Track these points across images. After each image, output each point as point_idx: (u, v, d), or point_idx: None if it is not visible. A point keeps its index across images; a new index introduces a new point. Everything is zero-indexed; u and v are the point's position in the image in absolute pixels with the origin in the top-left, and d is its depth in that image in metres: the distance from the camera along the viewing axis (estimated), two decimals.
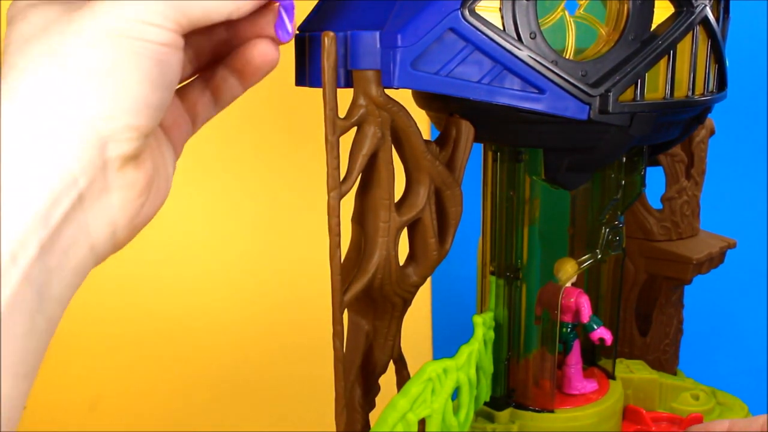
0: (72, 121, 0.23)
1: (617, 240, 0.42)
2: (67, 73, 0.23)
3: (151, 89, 0.24)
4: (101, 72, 0.23)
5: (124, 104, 0.24)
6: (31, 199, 0.22)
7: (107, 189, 0.24)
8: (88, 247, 0.24)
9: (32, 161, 0.22)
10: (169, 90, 0.26)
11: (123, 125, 0.24)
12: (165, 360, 0.70)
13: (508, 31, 0.30)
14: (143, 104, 0.24)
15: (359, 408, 0.36)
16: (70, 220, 0.23)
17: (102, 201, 0.24)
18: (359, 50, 0.30)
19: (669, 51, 0.32)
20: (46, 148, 0.22)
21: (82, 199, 0.23)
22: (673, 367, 0.56)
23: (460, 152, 0.33)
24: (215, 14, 0.26)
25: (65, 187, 0.23)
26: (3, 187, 0.21)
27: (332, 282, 0.31)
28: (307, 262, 0.70)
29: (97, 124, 0.23)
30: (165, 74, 0.25)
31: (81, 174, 0.23)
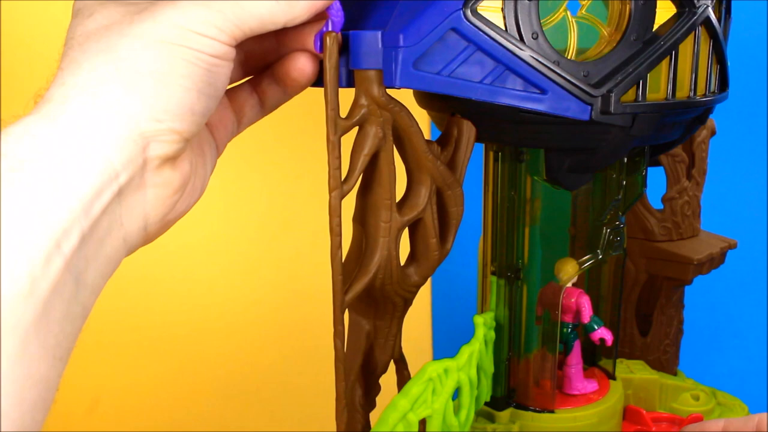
0: (119, 120, 0.24)
1: (618, 240, 0.42)
2: (121, 73, 0.24)
3: (198, 97, 0.25)
4: (152, 76, 0.24)
5: (170, 109, 0.25)
6: (76, 190, 0.23)
7: (143, 185, 0.25)
8: (121, 239, 0.25)
9: (79, 154, 0.23)
10: (215, 98, 0.27)
11: (166, 128, 0.25)
12: (165, 360, 0.70)
13: (510, 31, 0.30)
14: (188, 110, 0.25)
15: (360, 408, 0.36)
16: (108, 212, 0.24)
17: (137, 196, 0.25)
18: (361, 50, 0.30)
19: (671, 51, 0.32)
20: (92, 143, 0.23)
21: (120, 193, 0.24)
22: (673, 367, 0.56)
23: (462, 152, 0.33)
24: (271, 25, 0.27)
25: (107, 181, 0.24)
26: (52, 175, 0.22)
27: (333, 282, 0.31)
28: (308, 262, 0.70)
29: (142, 124, 0.24)
30: (213, 84, 0.26)
31: (123, 170, 0.24)
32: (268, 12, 0.26)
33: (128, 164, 0.24)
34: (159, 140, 0.25)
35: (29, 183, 0.22)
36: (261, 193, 0.70)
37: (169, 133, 0.25)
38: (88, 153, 0.23)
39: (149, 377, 0.69)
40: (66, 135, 0.23)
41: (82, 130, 0.23)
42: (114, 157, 0.24)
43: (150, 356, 0.69)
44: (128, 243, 0.26)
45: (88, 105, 0.24)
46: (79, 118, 0.24)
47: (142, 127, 0.24)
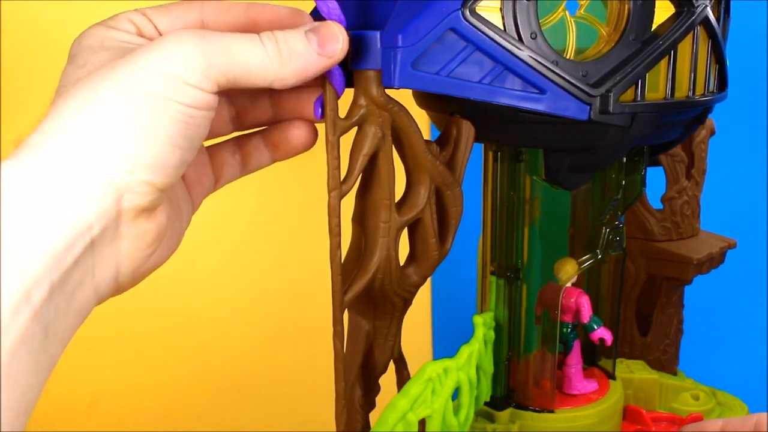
0: (93, 170, 0.24)
1: (618, 240, 0.42)
2: (98, 123, 0.24)
3: (173, 150, 0.25)
4: (129, 126, 0.24)
5: (145, 161, 0.24)
6: (48, 241, 0.22)
7: (118, 237, 0.25)
8: (92, 290, 0.25)
9: (52, 205, 0.23)
10: (192, 150, 0.26)
11: (140, 180, 0.24)
12: (165, 360, 0.70)
13: (508, 31, 0.30)
14: (162, 163, 0.25)
15: (359, 408, 0.36)
16: (80, 264, 0.24)
17: (111, 248, 0.25)
18: (360, 50, 0.30)
19: (670, 51, 0.32)
20: (66, 194, 0.23)
21: (93, 244, 0.24)
22: (673, 367, 0.56)
23: (461, 152, 0.33)
24: (258, 78, 0.26)
25: (80, 233, 0.23)
26: (24, 227, 0.22)
27: (333, 282, 0.31)
28: (307, 262, 0.70)
29: (116, 176, 0.24)
30: (190, 137, 0.25)
31: (96, 221, 0.24)
32: (257, 64, 0.26)
33: (102, 216, 0.24)
34: (133, 192, 0.24)
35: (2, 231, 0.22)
36: (260, 193, 0.70)
37: (143, 185, 0.25)
38: (61, 204, 0.23)
39: (149, 377, 0.69)
40: (40, 185, 0.23)
41: (55, 181, 0.23)
42: (87, 208, 0.23)
43: (150, 356, 0.69)
44: (99, 294, 0.25)
45: (62, 155, 0.23)
46: (53, 168, 0.23)
47: (116, 179, 0.24)
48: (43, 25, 0.60)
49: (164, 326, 0.69)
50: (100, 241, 0.24)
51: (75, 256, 0.23)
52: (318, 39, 0.27)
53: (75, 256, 0.23)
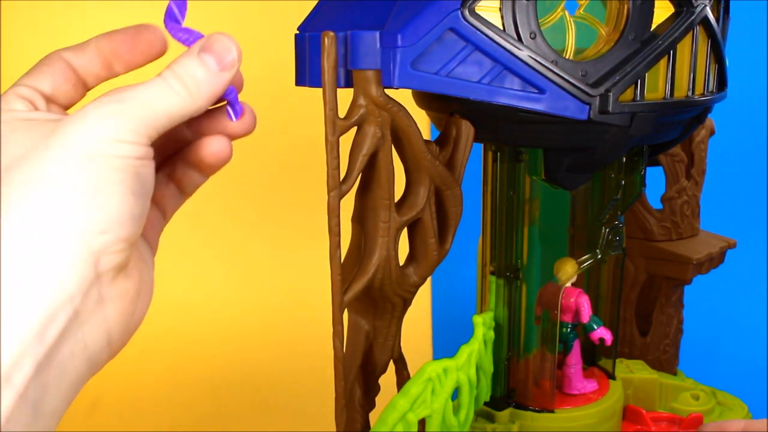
0: (64, 239, 0.23)
1: (617, 240, 0.42)
2: (56, 195, 0.23)
3: (135, 200, 0.25)
4: (87, 190, 0.24)
5: (114, 218, 0.24)
6: (25, 318, 0.22)
7: (102, 301, 0.25)
8: (86, 360, 0.24)
9: (26, 281, 0.22)
10: (148, 198, 0.26)
11: (114, 238, 0.24)
12: (165, 360, 0.70)
13: (508, 31, 0.30)
14: (129, 215, 0.25)
15: (359, 408, 0.36)
16: (67, 336, 0.23)
17: (97, 314, 0.25)
18: (359, 50, 0.30)
19: (669, 51, 0.32)
20: (39, 268, 0.22)
21: (77, 314, 0.23)
22: (673, 367, 0.56)
23: (460, 152, 0.33)
24: (179, 118, 0.26)
25: (60, 305, 0.23)
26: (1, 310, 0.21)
27: (332, 282, 0.31)
28: (307, 262, 0.70)
29: (89, 239, 0.24)
30: (144, 184, 0.25)
31: (76, 290, 0.23)
32: (176, 107, 0.26)
33: (81, 283, 0.23)
34: (108, 252, 0.24)
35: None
36: (260, 194, 0.70)
37: (117, 242, 0.24)
38: (37, 282, 0.22)
39: (149, 377, 0.69)
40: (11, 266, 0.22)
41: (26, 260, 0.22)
42: (66, 280, 0.23)
43: (150, 356, 0.69)
44: (93, 362, 0.25)
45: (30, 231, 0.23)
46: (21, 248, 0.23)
47: (90, 243, 0.23)
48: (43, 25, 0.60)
49: (164, 326, 0.69)
50: (84, 309, 0.24)
51: (59, 330, 0.22)
52: (215, 58, 0.27)
53: (59, 329, 0.22)
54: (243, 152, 0.68)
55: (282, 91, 0.43)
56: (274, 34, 0.49)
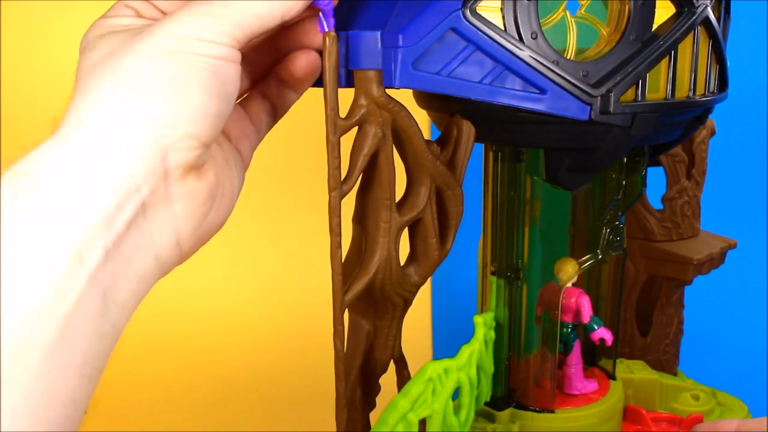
0: (133, 131, 0.24)
1: (618, 240, 0.42)
2: (129, 88, 0.24)
3: (209, 99, 0.25)
4: (160, 85, 0.24)
5: (184, 113, 0.25)
6: (95, 202, 0.22)
7: (169, 198, 0.25)
8: (153, 256, 0.25)
9: (97, 170, 0.23)
10: (228, 100, 0.26)
11: (183, 134, 0.25)
12: (165, 360, 0.70)
13: (509, 31, 0.30)
14: (202, 113, 0.25)
15: (360, 408, 0.36)
16: (134, 228, 0.24)
17: (165, 210, 0.25)
18: (360, 50, 0.30)
19: (670, 51, 0.32)
20: (109, 158, 0.23)
21: (145, 207, 0.24)
22: (673, 367, 0.56)
23: (461, 152, 0.33)
24: (270, 21, 0.27)
25: (128, 194, 0.23)
26: (70, 190, 0.22)
27: (333, 282, 0.31)
28: (307, 262, 0.70)
29: (157, 132, 0.24)
30: (223, 85, 0.26)
31: (143, 182, 0.24)
32: (265, 9, 0.26)
33: (149, 176, 0.24)
34: (177, 148, 0.25)
35: (48, 200, 0.22)
36: (261, 193, 0.70)
37: (186, 139, 0.25)
38: (106, 167, 0.23)
39: (149, 377, 0.69)
40: (82, 153, 0.23)
41: (97, 146, 0.23)
42: (133, 169, 0.24)
43: (150, 356, 0.69)
44: (161, 261, 0.25)
45: (101, 122, 0.24)
46: (94, 135, 0.24)
47: (158, 136, 0.24)
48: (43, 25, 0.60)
49: (164, 326, 0.69)
50: (151, 203, 0.24)
51: (127, 219, 0.23)
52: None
53: (126, 219, 0.23)
54: None
55: None
56: None
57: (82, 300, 0.21)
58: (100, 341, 0.22)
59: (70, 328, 0.21)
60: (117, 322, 0.23)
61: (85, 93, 0.25)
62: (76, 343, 0.21)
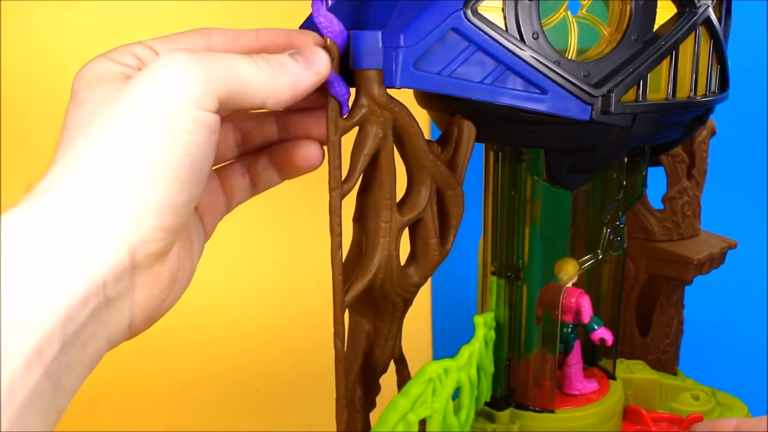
0: (105, 226, 0.23)
1: (618, 240, 0.42)
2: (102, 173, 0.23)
3: (180, 187, 0.24)
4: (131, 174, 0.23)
5: (154, 206, 0.24)
6: (61, 299, 0.22)
7: (132, 288, 0.25)
8: (105, 340, 0.24)
9: (65, 260, 0.22)
10: (199, 185, 0.25)
11: (152, 226, 0.24)
12: (165, 360, 0.70)
13: (510, 31, 0.30)
14: (171, 203, 0.24)
15: (360, 408, 0.36)
16: (93, 318, 0.23)
17: (125, 300, 0.24)
18: (361, 50, 0.30)
19: (671, 52, 0.32)
20: (80, 250, 0.23)
21: (107, 300, 0.23)
22: (673, 367, 0.56)
23: (462, 152, 0.33)
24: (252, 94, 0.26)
25: (95, 291, 0.23)
26: (38, 281, 0.21)
27: (333, 282, 0.31)
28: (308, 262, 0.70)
29: (127, 229, 0.23)
30: (197, 168, 0.25)
31: (110, 276, 0.23)
32: (252, 77, 0.25)
33: (117, 271, 0.23)
34: (146, 241, 0.24)
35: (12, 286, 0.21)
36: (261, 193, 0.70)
37: (155, 232, 0.24)
38: (75, 262, 0.22)
39: (149, 377, 0.69)
40: (54, 238, 0.22)
41: (69, 234, 0.22)
42: (102, 266, 0.23)
43: (150, 356, 0.69)
44: (111, 343, 0.25)
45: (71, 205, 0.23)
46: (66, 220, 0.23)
47: (129, 232, 0.23)
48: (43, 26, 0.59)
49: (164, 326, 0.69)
50: (114, 295, 0.24)
51: (89, 312, 0.23)
52: (303, 59, 0.27)
53: (89, 311, 0.23)
54: None
55: None
56: None
57: (34, 393, 0.21)
58: (45, 429, 0.22)
59: (19, 422, 0.20)
60: (62, 407, 0.23)
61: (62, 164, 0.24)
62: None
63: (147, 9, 0.62)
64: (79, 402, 0.24)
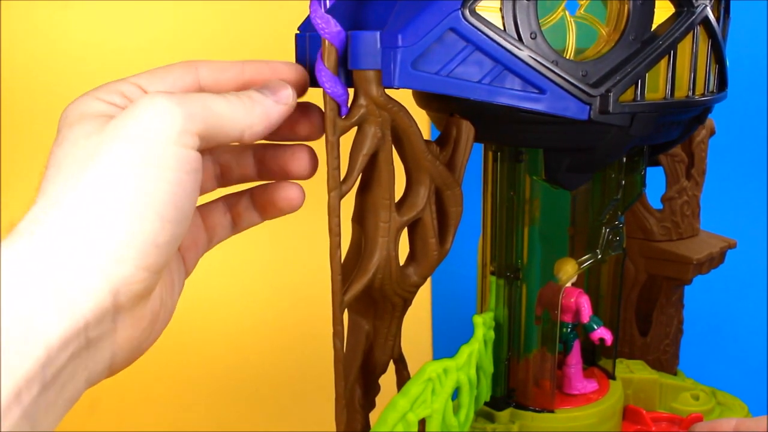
0: (86, 268, 0.23)
1: (617, 240, 0.42)
2: (84, 212, 0.23)
3: (163, 226, 0.24)
4: (112, 213, 0.23)
5: (134, 246, 0.24)
6: (42, 342, 0.22)
7: (114, 330, 0.24)
8: (84, 380, 0.24)
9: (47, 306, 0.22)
10: (183, 224, 0.25)
11: (135, 267, 0.24)
12: (165, 360, 0.70)
13: (508, 31, 0.30)
14: (154, 243, 0.24)
15: (359, 408, 0.36)
16: (73, 359, 0.23)
17: (107, 341, 0.24)
18: (360, 50, 0.30)
19: (669, 51, 0.32)
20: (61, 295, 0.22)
21: (88, 342, 0.23)
22: (673, 367, 0.56)
23: (461, 152, 0.33)
24: (229, 128, 0.26)
25: (75, 333, 0.22)
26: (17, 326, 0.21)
27: (332, 282, 0.31)
28: (307, 262, 0.70)
29: (110, 270, 0.23)
30: (180, 206, 0.25)
31: (92, 318, 0.23)
32: (227, 112, 0.26)
33: (99, 314, 0.23)
34: (127, 282, 0.24)
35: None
36: None
37: (138, 272, 0.24)
38: (58, 301, 0.22)
39: (149, 378, 0.69)
40: (35, 279, 0.22)
41: (50, 275, 0.22)
42: (84, 310, 0.23)
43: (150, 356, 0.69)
44: (90, 382, 0.25)
45: (55, 247, 0.23)
46: (47, 261, 0.22)
47: (111, 274, 0.23)
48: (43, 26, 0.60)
49: None
50: (95, 338, 0.23)
51: (70, 354, 0.22)
52: (269, 91, 0.28)
53: (70, 353, 0.22)
54: None
55: None
56: (274, 34, 0.49)
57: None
58: None
59: None
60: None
61: (45, 204, 0.23)
62: None
63: (147, 9, 0.62)
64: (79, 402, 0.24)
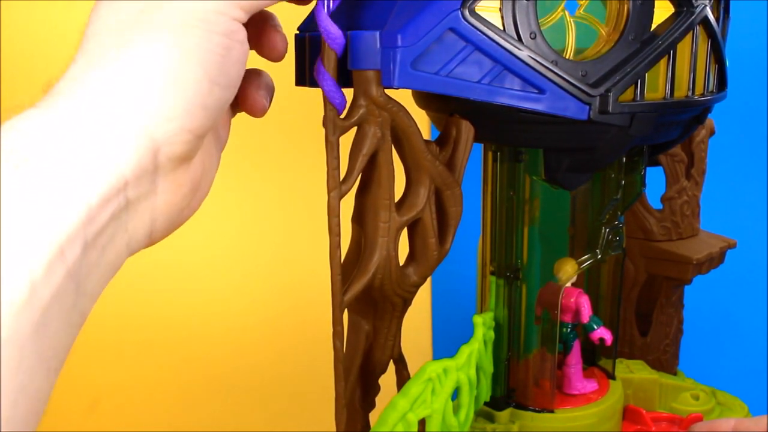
0: (128, 125, 0.23)
1: (617, 240, 0.42)
2: (131, 69, 0.23)
3: (211, 88, 0.24)
4: (163, 70, 0.23)
5: (182, 105, 0.24)
6: (83, 199, 0.22)
7: (154, 192, 0.24)
8: (125, 244, 0.24)
9: (89, 159, 0.22)
10: (230, 90, 0.25)
11: (178, 127, 0.24)
12: (165, 360, 0.70)
13: (508, 31, 0.30)
14: (200, 105, 0.24)
15: (359, 408, 0.36)
16: (114, 220, 0.23)
17: (147, 203, 0.24)
18: (359, 50, 0.30)
19: (669, 51, 0.32)
20: (101, 149, 0.22)
21: (129, 202, 0.23)
22: (673, 367, 0.56)
23: (460, 152, 0.33)
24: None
25: (116, 191, 0.22)
26: (59, 181, 0.21)
27: (332, 282, 0.31)
28: (307, 262, 0.70)
29: (152, 126, 0.23)
30: (228, 72, 0.25)
31: (132, 178, 0.23)
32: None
33: (139, 172, 0.23)
34: (172, 142, 0.24)
35: (34, 185, 0.21)
36: (260, 193, 0.70)
37: (181, 133, 0.24)
38: (97, 161, 0.22)
39: (149, 377, 0.69)
40: (75, 136, 0.22)
41: (91, 132, 0.22)
42: (124, 166, 0.23)
43: (150, 356, 0.69)
44: (131, 248, 0.25)
45: (96, 106, 0.23)
46: (88, 118, 0.22)
47: (153, 130, 0.23)
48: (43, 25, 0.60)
49: (164, 326, 0.69)
50: (135, 198, 0.23)
51: (110, 213, 0.22)
52: None
53: (110, 213, 0.22)
54: (243, 152, 0.68)
55: (282, 91, 0.44)
56: None
57: (57, 294, 0.21)
58: (69, 333, 0.22)
59: (44, 323, 0.20)
60: (85, 310, 0.23)
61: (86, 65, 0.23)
62: (48, 337, 0.21)
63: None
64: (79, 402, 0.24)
